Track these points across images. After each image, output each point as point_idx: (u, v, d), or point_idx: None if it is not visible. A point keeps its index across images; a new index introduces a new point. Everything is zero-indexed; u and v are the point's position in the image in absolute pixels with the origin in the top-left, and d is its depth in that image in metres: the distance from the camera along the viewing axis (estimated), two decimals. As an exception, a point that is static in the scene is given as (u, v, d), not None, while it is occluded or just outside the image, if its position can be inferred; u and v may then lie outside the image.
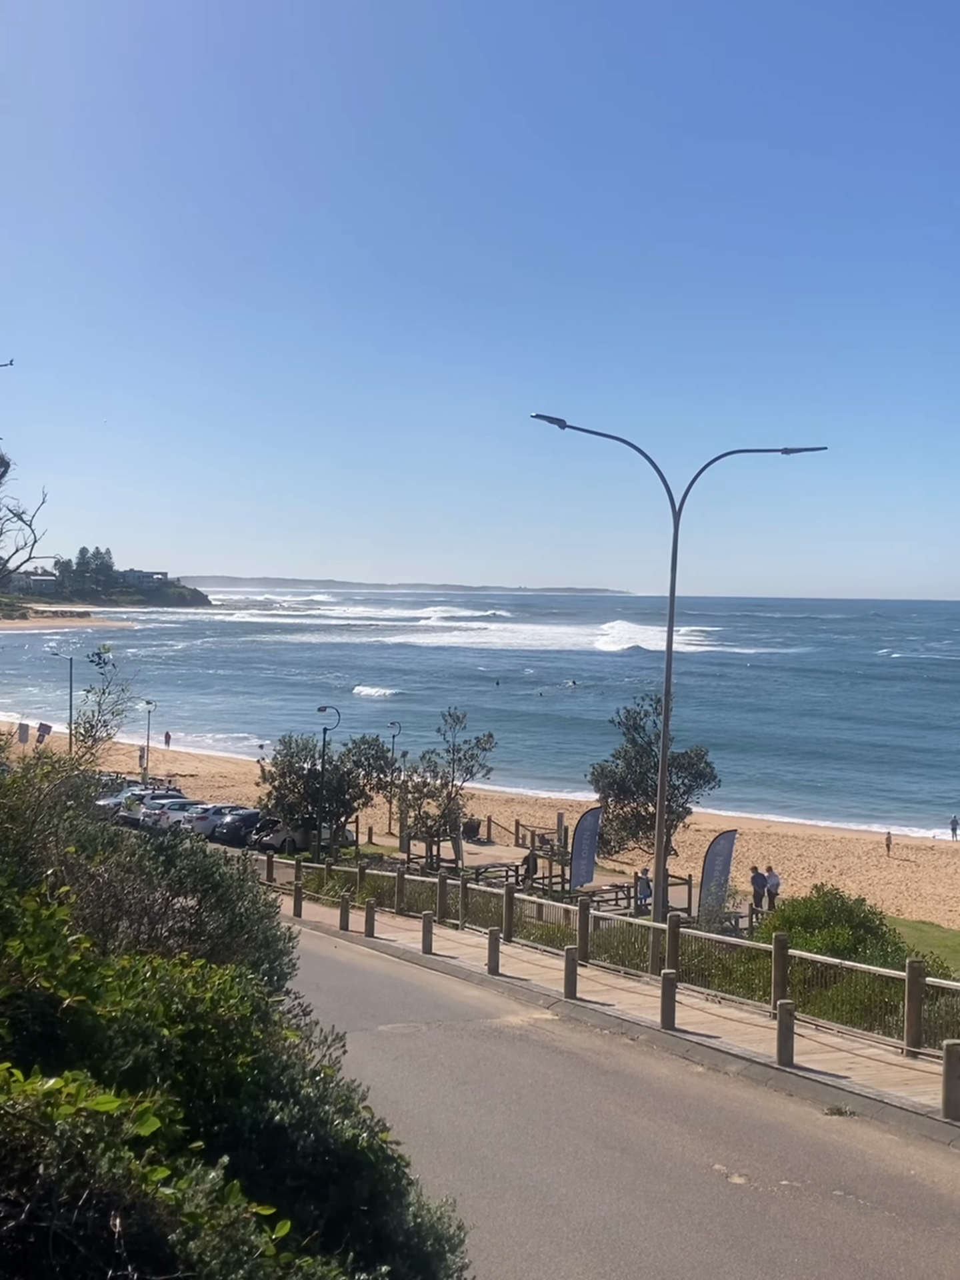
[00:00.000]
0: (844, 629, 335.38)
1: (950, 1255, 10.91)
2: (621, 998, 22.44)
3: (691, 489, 29.39)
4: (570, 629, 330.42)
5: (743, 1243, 10.96)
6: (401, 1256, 5.73)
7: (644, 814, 47.67)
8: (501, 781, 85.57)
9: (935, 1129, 14.74)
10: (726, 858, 44.89)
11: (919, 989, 18.14)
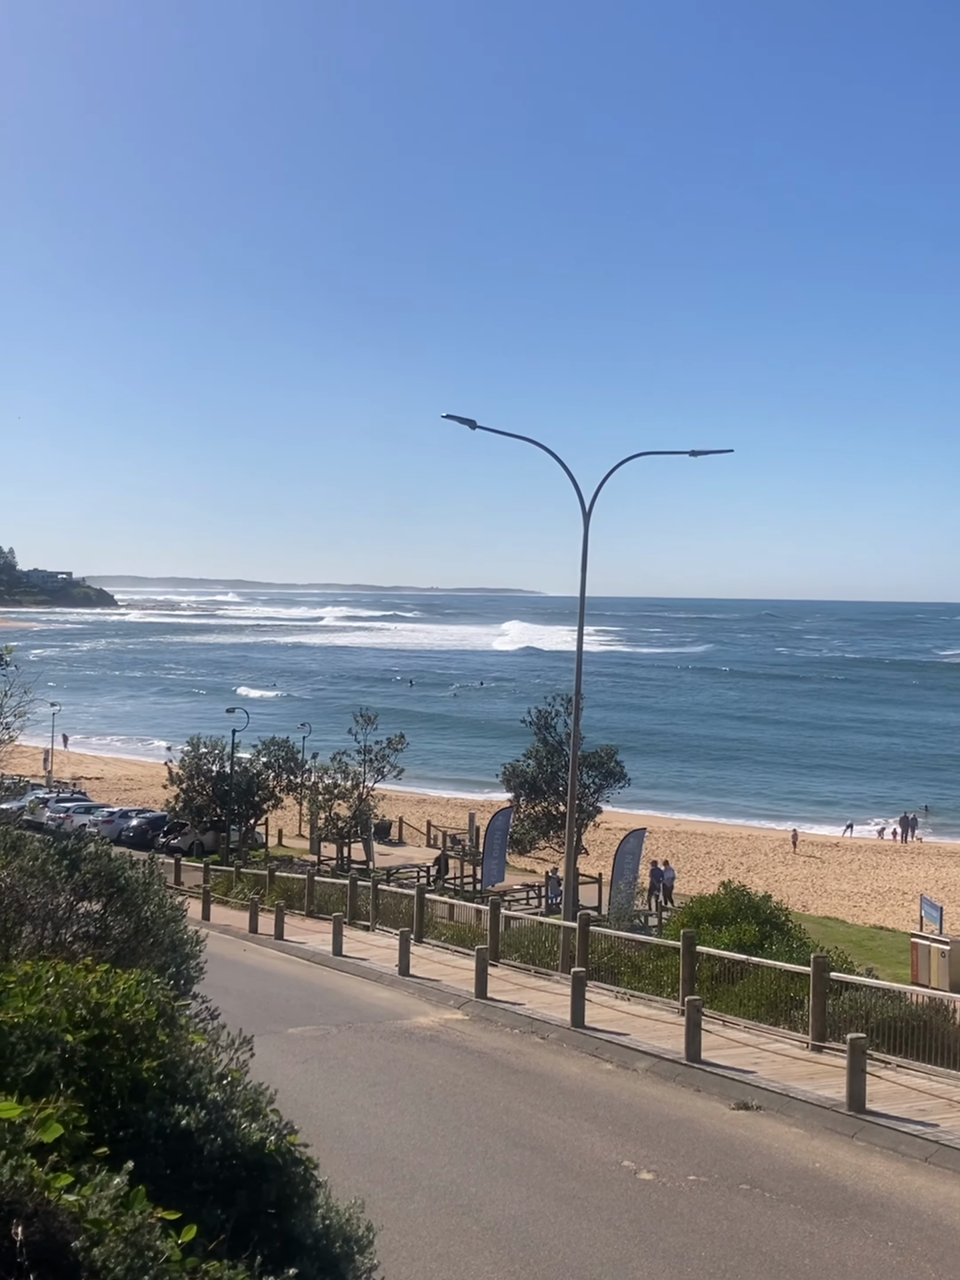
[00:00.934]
0: (748, 629, 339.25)
1: (854, 1246, 11.08)
2: (532, 997, 22.53)
3: (601, 490, 29.59)
4: (471, 629, 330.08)
5: (651, 1238, 11.06)
6: (310, 1259, 5.71)
7: (555, 813, 47.89)
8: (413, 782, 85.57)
9: (839, 1122, 14.97)
10: (636, 856, 45.25)
11: (823, 984, 18.41)
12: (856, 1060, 15.21)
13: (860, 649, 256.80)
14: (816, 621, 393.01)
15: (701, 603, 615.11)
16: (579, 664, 30.68)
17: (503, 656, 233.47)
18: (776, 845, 71.13)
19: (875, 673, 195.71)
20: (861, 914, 53.69)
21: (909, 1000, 19.66)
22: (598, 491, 29.52)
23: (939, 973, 37.57)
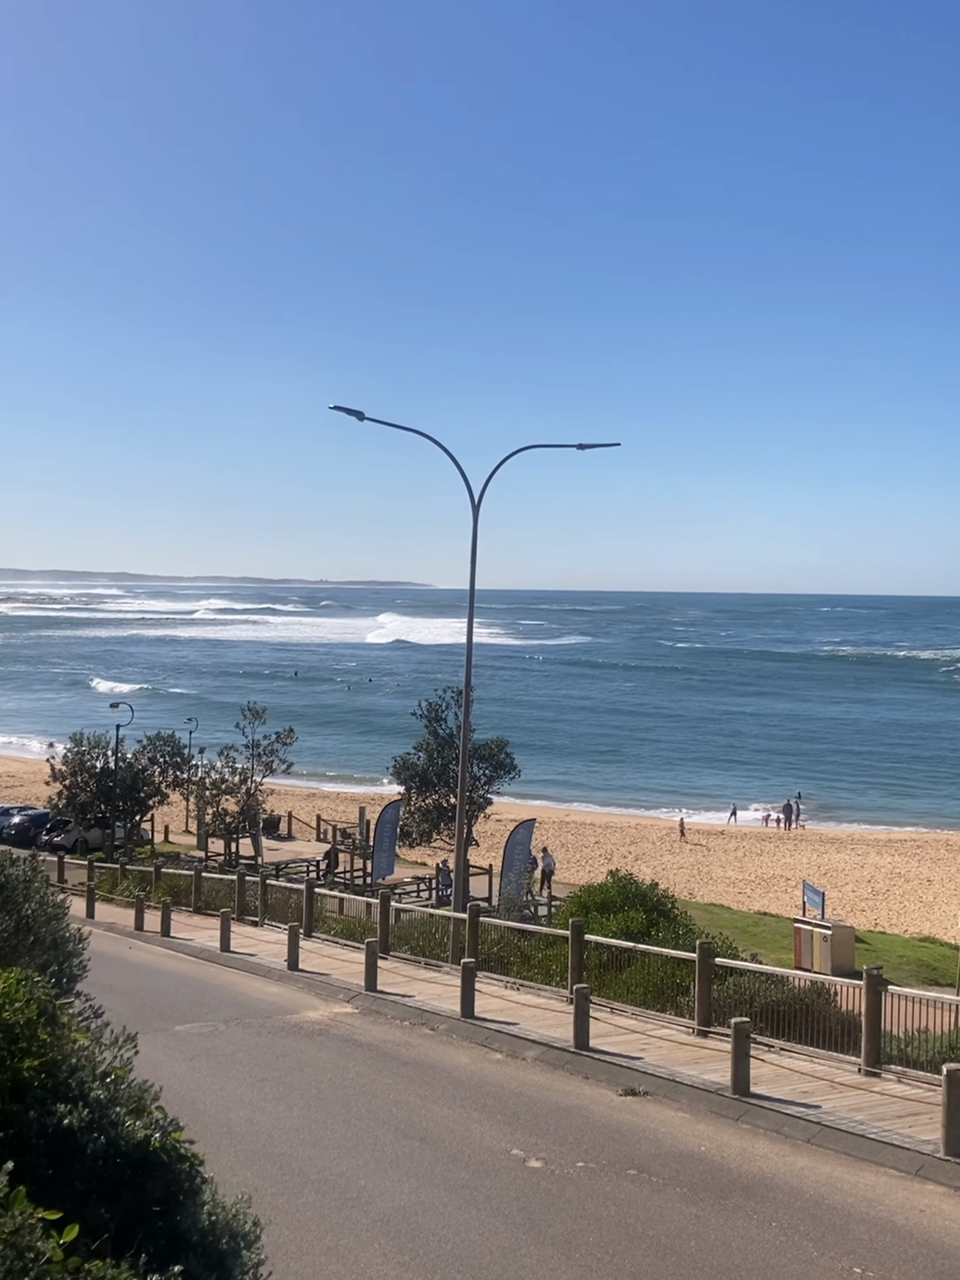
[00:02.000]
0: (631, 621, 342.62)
1: (738, 1227, 11.27)
2: (422, 988, 22.56)
3: (491, 483, 29.67)
4: (348, 622, 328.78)
5: (540, 1225, 11.15)
6: (196, 1255, 5.67)
7: (446, 805, 47.91)
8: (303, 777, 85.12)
9: (724, 1105, 15.21)
10: (526, 846, 45.51)
11: (709, 969, 18.68)
12: (741, 1044, 15.46)
13: (740, 640, 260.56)
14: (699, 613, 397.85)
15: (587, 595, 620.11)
16: (469, 656, 30.75)
17: (374, 650, 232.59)
18: (664, 834, 72.00)
19: (757, 664, 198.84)
20: (746, 900, 54.58)
21: (792, 984, 20.02)
22: (486, 484, 29.60)
23: (821, 956, 38.38)
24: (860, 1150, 13.52)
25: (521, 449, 30.81)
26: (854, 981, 17.42)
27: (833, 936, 38.81)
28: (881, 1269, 10.34)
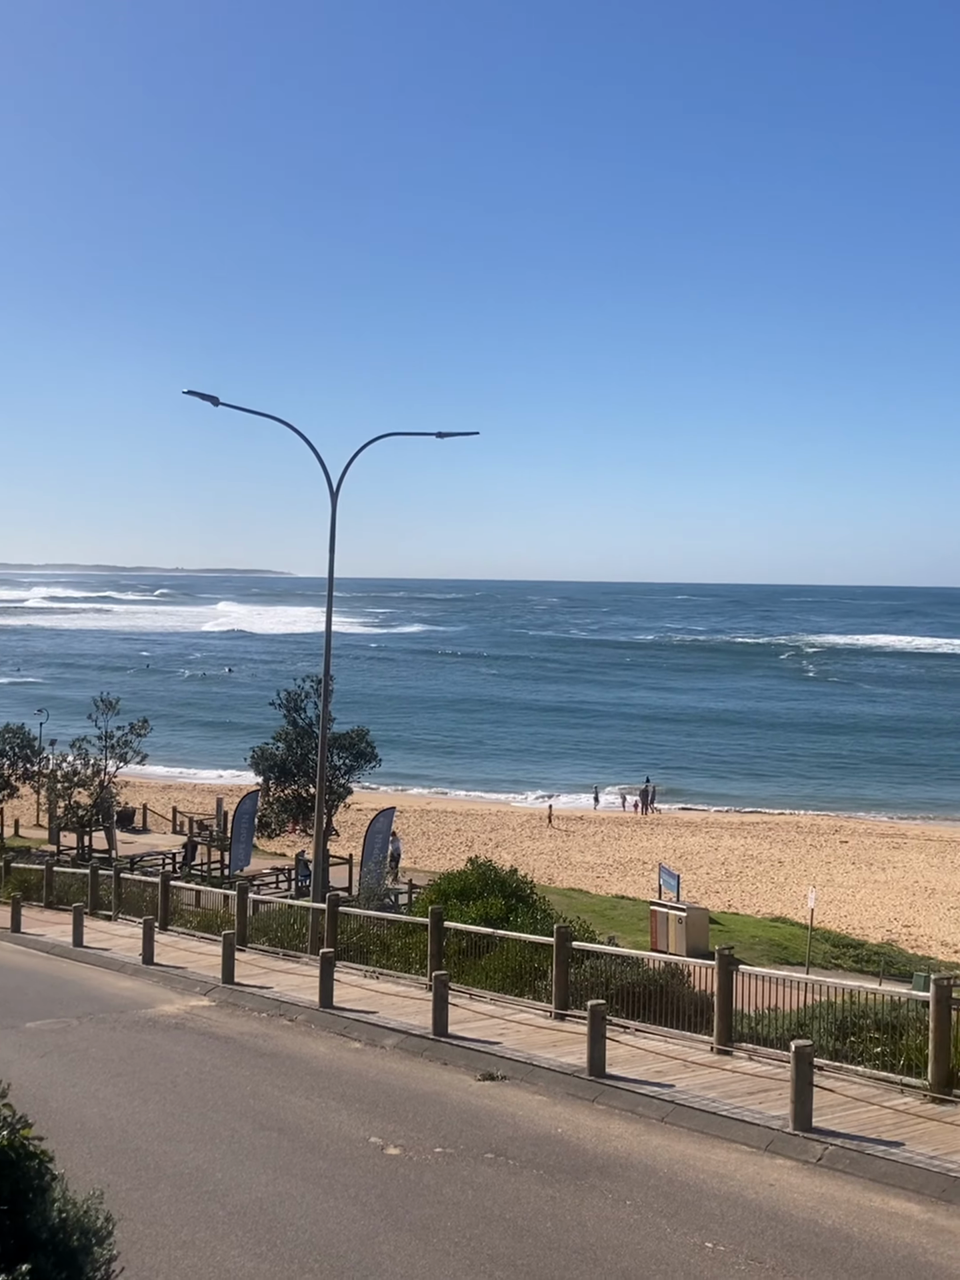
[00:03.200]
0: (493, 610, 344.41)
1: (593, 1206, 11.43)
2: (281, 980, 22.44)
3: (350, 471, 29.55)
4: (190, 609, 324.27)
5: (397, 1212, 11.18)
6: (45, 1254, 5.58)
7: (305, 795, 47.61)
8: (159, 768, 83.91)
9: (581, 1087, 15.41)
10: (385, 835, 45.47)
11: (566, 954, 18.88)
12: (597, 1026, 15.66)
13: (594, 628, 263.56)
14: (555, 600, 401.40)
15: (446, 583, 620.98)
16: (328, 645, 30.62)
17: (210, 639, 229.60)
18: (524, 821, 72.55)
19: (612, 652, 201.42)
20: (605, 884, 55.27)
21: (647, 966, 20.33)
22: (345, 471, 29.49)
23: (677, 938, 39.05)
24: (712, 1127, 13.81)
25: (380, 436, 30.74)
26: (707, 962, 17.75)
27: (687, 918, 39.50)
28: (732, 1242, 10.58)
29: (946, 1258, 10.32)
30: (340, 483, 29.31)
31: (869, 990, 17.30)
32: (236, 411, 30.25)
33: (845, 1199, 11.72)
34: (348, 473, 29.53)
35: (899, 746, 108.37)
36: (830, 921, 49.32)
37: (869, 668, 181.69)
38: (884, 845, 68.53)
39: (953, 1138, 12.96)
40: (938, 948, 47.66)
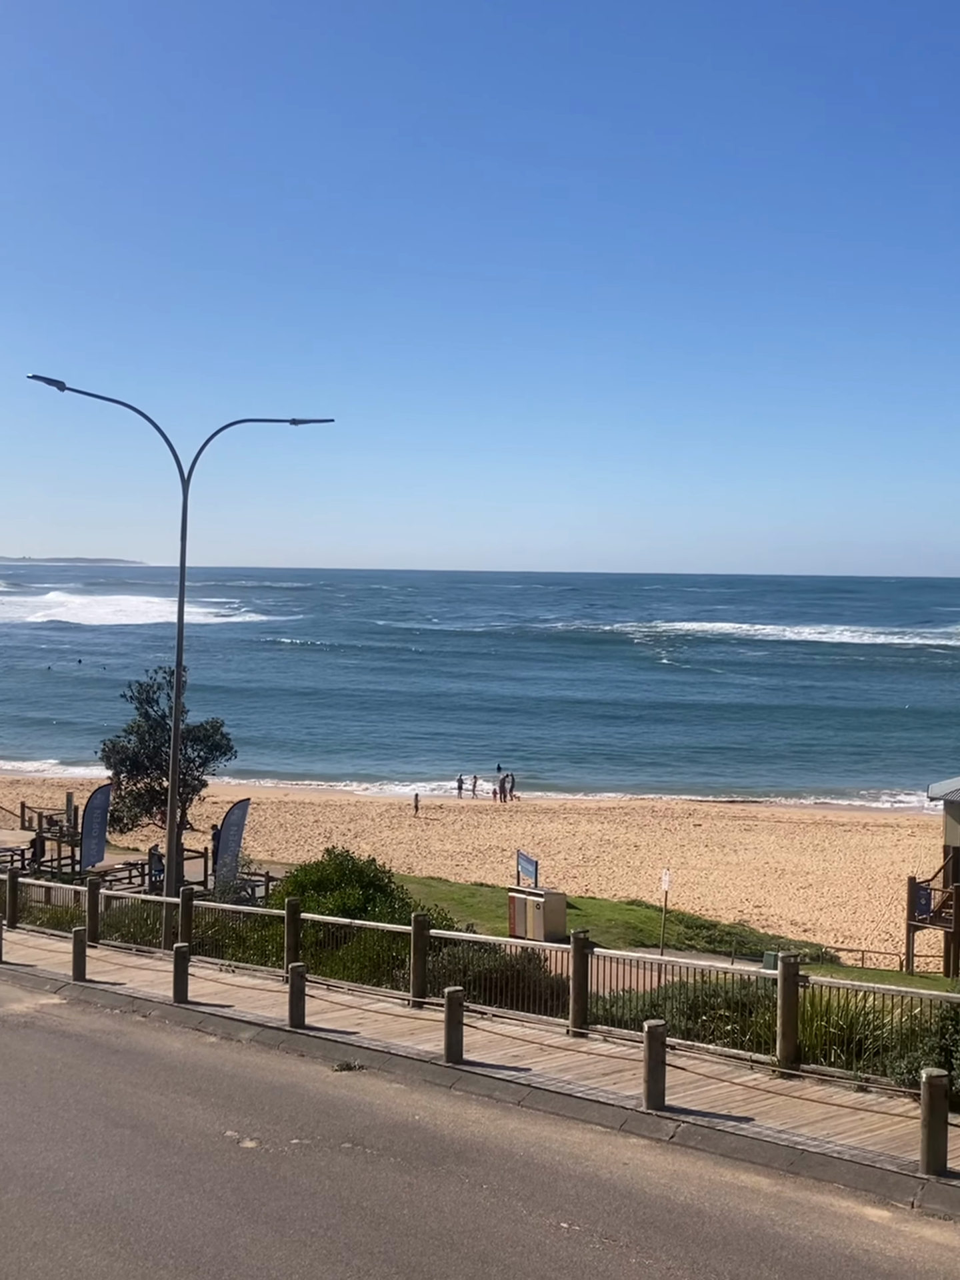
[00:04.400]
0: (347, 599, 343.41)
1: (450, 1192, 11.48)
2: (134, 976, 22.09)
3: (202, 458, 29.21)
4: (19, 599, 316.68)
5: (254, 1204, 11.10)
6: None
7: (158, 789, 46.96)
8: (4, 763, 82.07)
9: (438, 1074, 15.45)
10: (240, 828, 45.09)
11: (424, 942, 18.91)
12: (454, 1013, 15.71)
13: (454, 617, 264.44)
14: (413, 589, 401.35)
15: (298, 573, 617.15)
16: (180, 636, 30.21)
17: (27, 630, 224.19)
18: (383, 810, 72.56)
19: (472, 641, 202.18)
20: (464, 872, 55.57)
21: (505, 952, 20.46)
22: (196, 459, 29.14)
23: (534, 924, 39.41)
24: (568, 1109, 13.95)
25: (233, 423, 30.44)
26: (563, 946, 17.91)
27: (545, 904, 39.90)
28: (587, 1222, 10.70)
29: (794, 1228, 10.57)
30: (191, 470, 28.95)
31: (720, 970, 17.64)
32: (87, 398, 29.72)
33: (697, 1175, 11.94)
34: (200, 460, 29.18)
35: (750, 731, 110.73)
36: (684, 903, 50.25)
37: (719, 655, 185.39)
38: (736, 828, 70.03)
39: (800, 1111, 13.28)
40: (787, 927, 48.87)
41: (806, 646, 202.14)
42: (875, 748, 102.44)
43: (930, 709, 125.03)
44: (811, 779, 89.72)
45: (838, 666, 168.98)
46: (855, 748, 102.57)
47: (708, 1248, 10.13)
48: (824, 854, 62.95)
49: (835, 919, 50.65)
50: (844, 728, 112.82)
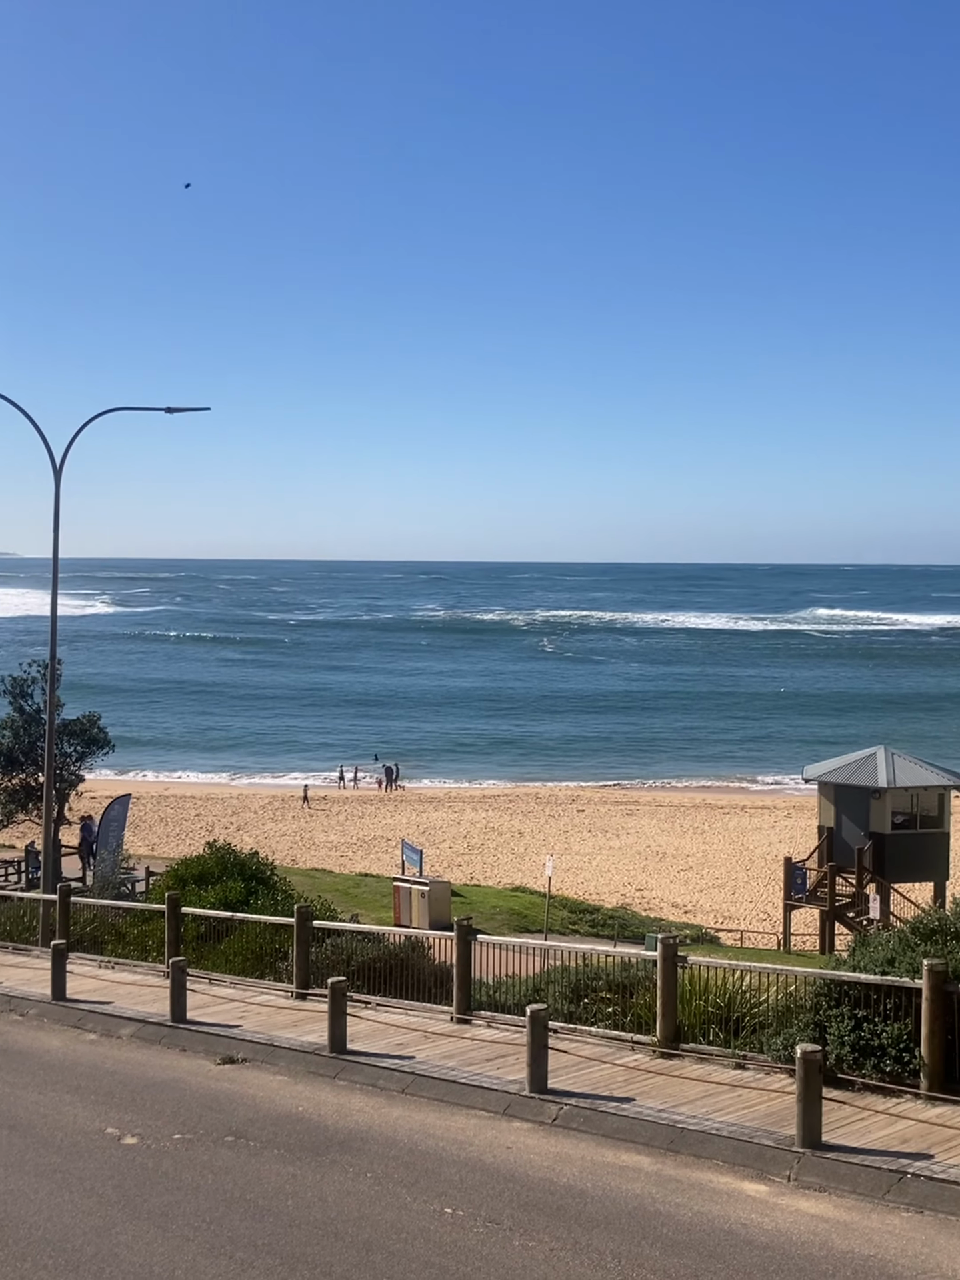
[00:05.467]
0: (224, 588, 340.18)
1: (334, 1181, 11.47)
2: (11, 974, 21.73)
3: (73, 447, 28.66)
4: None
5: (135, 1201, 10.99)
6: None
7: (34, 785, 46.05)
8: None
9: (322, 1065, 15.43)
10: (121, 823, 44.48)
11: (306, 933, 18.86)
12: (338, 1004, 15.69)
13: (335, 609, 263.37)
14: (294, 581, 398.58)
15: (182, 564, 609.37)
16: (54, 629, 29.69)
17: None
18: (266, 803, 72.09)
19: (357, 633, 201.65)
20: (349, 863, 55.43)
21: (389, 941, 20.46)
22: (69, 448, 28.60)
23: (420, 912, 39.45)
24: (452, 1095, 14.02)
25: (106, 411, 29.88)
26: (447, 934, 17.98)
27: (430, 892, 39.94)
28: (471, 1206, 10.77)
29: (674, 1205, 10.74)
30: (64, 460, 28.43)
31: (602, 953, 17.84)
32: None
33: (579, 1156, 12.07)
34: (73, 449, 28.67)
35: (632, 717, 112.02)
36: (568, 888, 50.69)
37: (600, 642, 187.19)
38: (619, 813, 70.79)
39: (680, 1090, 13.48)
40: (669, 909, 49.56)
41: (683, 634, 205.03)
42: (752, 731, 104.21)
43: (802, 692, 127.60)
44: (691, 763, 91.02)
45: (713, 653, 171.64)
46: (732, 731, 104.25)
47: (590, 1228, 10.25)
48: (704, 836, 63.90)
49: (715, 900, 51.47)
50: (721, 712, 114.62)
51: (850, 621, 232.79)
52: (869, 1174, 11.06)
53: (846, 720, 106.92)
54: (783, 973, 14.89)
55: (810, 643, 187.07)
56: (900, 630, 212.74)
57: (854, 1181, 11.03)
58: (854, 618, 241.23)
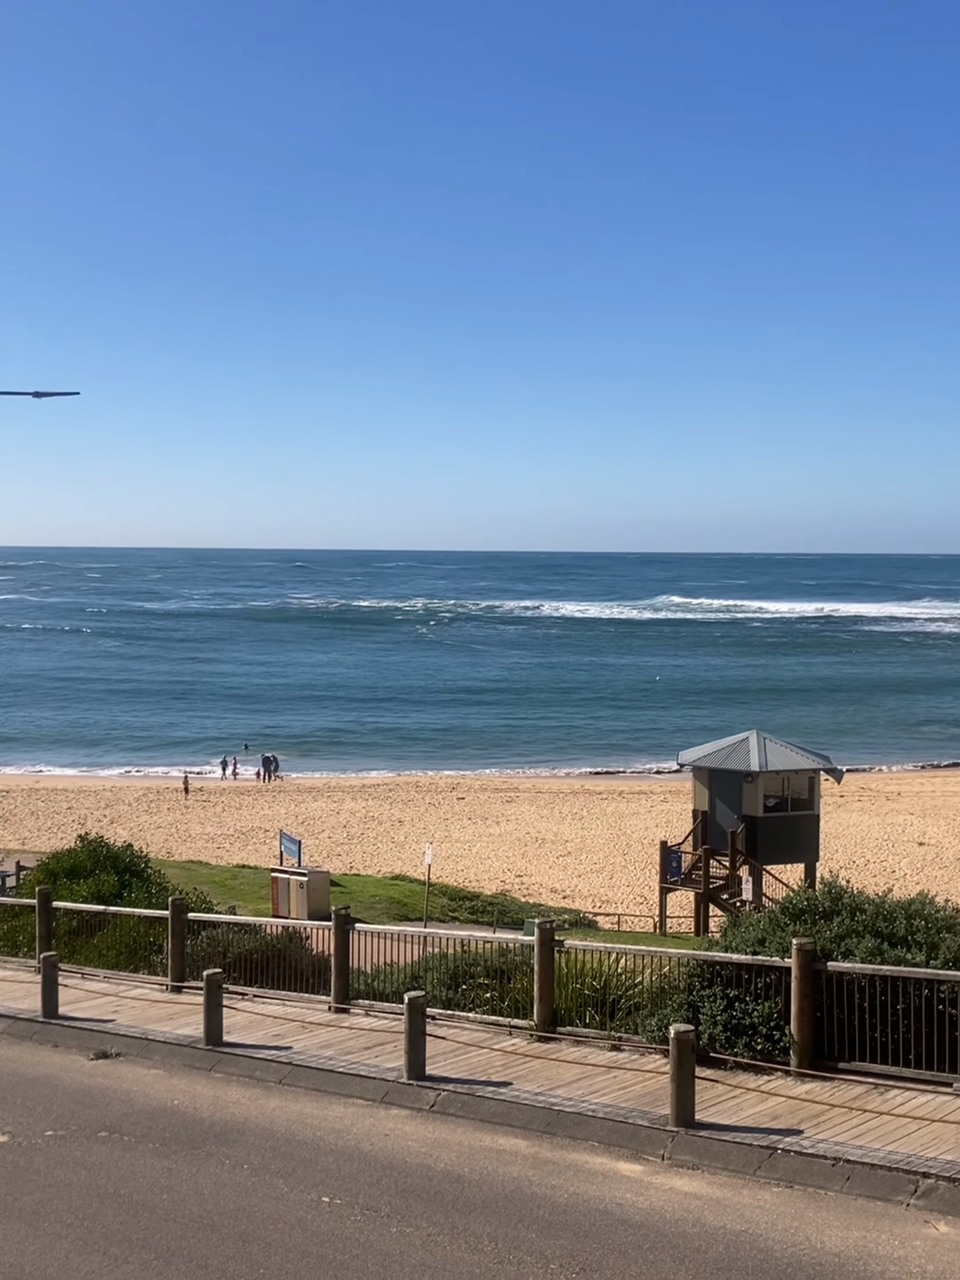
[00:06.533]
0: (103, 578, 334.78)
1: (210, 1174, 11.37)
2: None
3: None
4: None
5: (6, 1200, 10.79)
6: None
7: None
8: None
9: (198, 1057, 15.29)
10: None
11: (182, 925, 18.68)
12: (213, 995, 15.56)
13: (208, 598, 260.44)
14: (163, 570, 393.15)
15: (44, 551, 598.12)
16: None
17: None
18: (140, 795, 71.11)
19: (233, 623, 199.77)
20: (226, 855, 54.91)
21: (266, 932, 20.36)
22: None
23: (298, 903, 39.23)
24: (330, 1085, 13.99)
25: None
26: (325, 924, 17.92)
27: (309, 883, 39.73)
28: (349, 1195, 10.76)
29: (550, 1187, 10.83)
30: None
31: (480, 939, 17.92)
32: None
33: (457, 1141, 12.12)
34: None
35: (512, 705, 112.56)
36: (448, 876, 50.78)
37: (479, 630, 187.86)
38: (498, 800, 71.09)
39: (556, 1073, 13.59)
40: (548, 894, 49.92)
41: (560, 621, 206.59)
42: (629, 718, 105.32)
43: (677, 679, 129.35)
44: (570, 750, 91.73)
45: (588, 640, 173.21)
46: (610, 718, 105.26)
47: (467, 1212, 10.30)
48: (583, 822, 64.44)
49: (593, 885, 51.94)
50: (598, 699, 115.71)
51: (722, 610, 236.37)
52: (741, 1151, 11.26)
53: (721, 707, 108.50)
54: (657, 955, 15.08)
55: (684, 630, 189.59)
56: (771, 618, 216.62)
57: (726, 1159, 11.23)
58: (726, 606, 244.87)
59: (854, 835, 58.98)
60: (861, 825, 61.72)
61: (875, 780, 78.01)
